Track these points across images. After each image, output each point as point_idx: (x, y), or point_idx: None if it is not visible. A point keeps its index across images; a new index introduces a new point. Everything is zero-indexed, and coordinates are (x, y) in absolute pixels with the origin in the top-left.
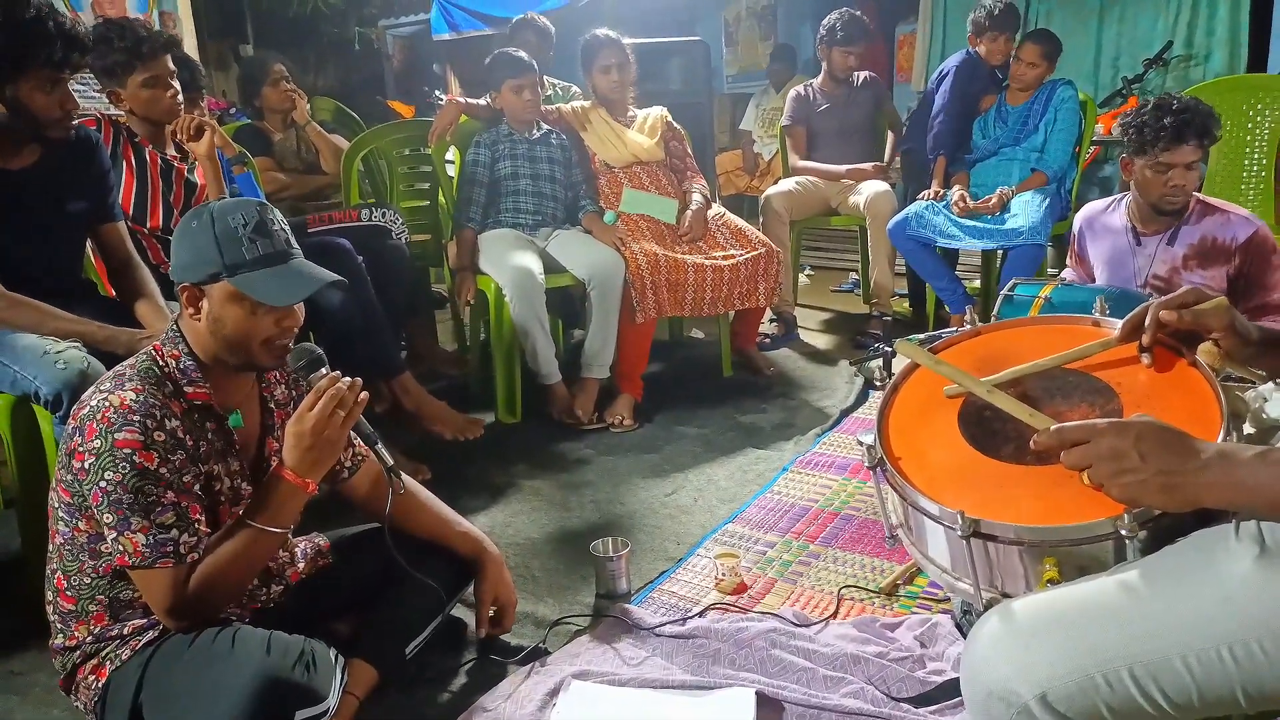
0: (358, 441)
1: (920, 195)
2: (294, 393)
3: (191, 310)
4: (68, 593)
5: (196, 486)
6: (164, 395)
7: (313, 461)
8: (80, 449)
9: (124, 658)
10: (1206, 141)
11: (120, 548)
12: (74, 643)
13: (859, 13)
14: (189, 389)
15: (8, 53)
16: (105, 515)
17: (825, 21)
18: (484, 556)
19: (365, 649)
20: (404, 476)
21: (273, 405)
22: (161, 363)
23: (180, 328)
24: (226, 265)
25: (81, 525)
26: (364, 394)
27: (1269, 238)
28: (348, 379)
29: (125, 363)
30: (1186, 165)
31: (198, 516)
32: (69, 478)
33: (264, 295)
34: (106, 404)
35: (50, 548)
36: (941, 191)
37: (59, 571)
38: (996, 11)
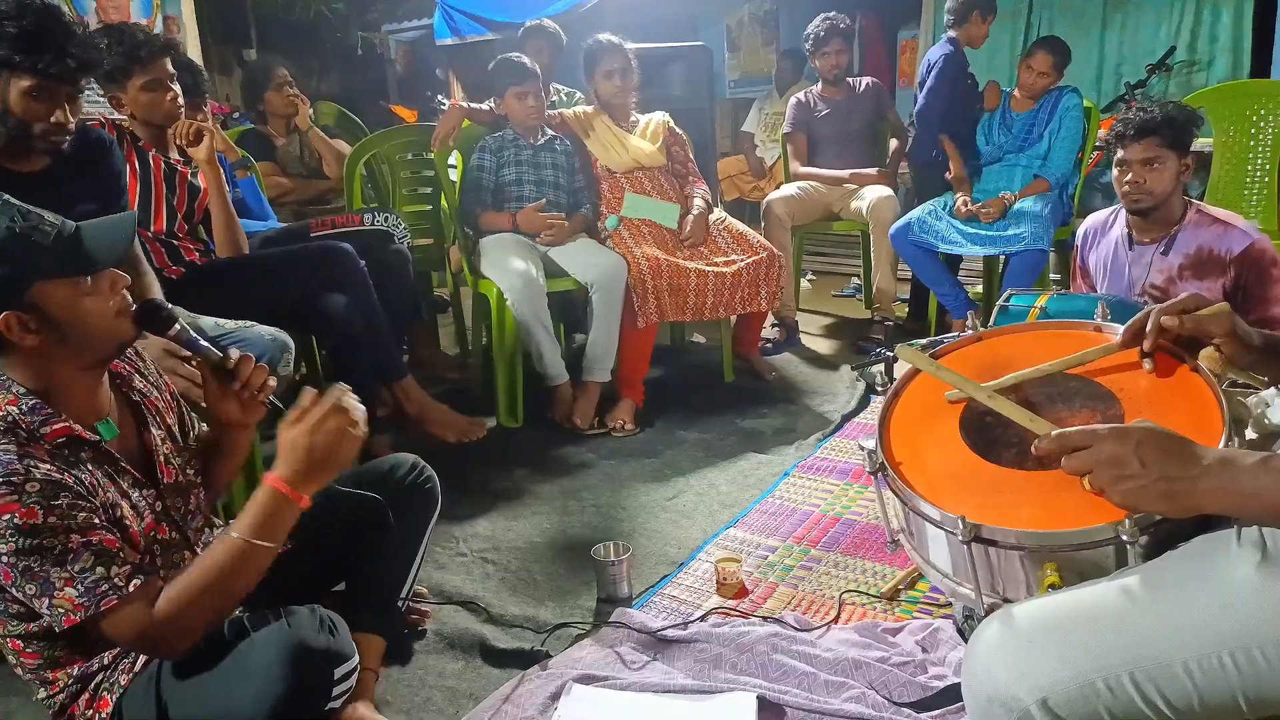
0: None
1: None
2: (151, 379)
3: (25, 336)
4: (28, 650)
5: (96, 520)
6: (19, 444)
7: (306, 473)
8: None
9: (123, 684)
10: (1164, 139)
11: (60, 610)
12: (57, 689)
13: (835, 14)
14: (45, 429)
15: (19, 61)
16: (27, 588)
17: (803, 35)
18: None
19: (364, 622)
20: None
21: (137, 399)
22: (1, 414)
23: (3, 371)
24: (31, 266)
25: (10, 598)
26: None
27: (1267, 250)
28: (344, 387)
29: None
30: (1142, 161)
31: (117, 547)
32: None
33: (103, 260)
34: None
35: None
36: (963, 176)
37: (8, 637)
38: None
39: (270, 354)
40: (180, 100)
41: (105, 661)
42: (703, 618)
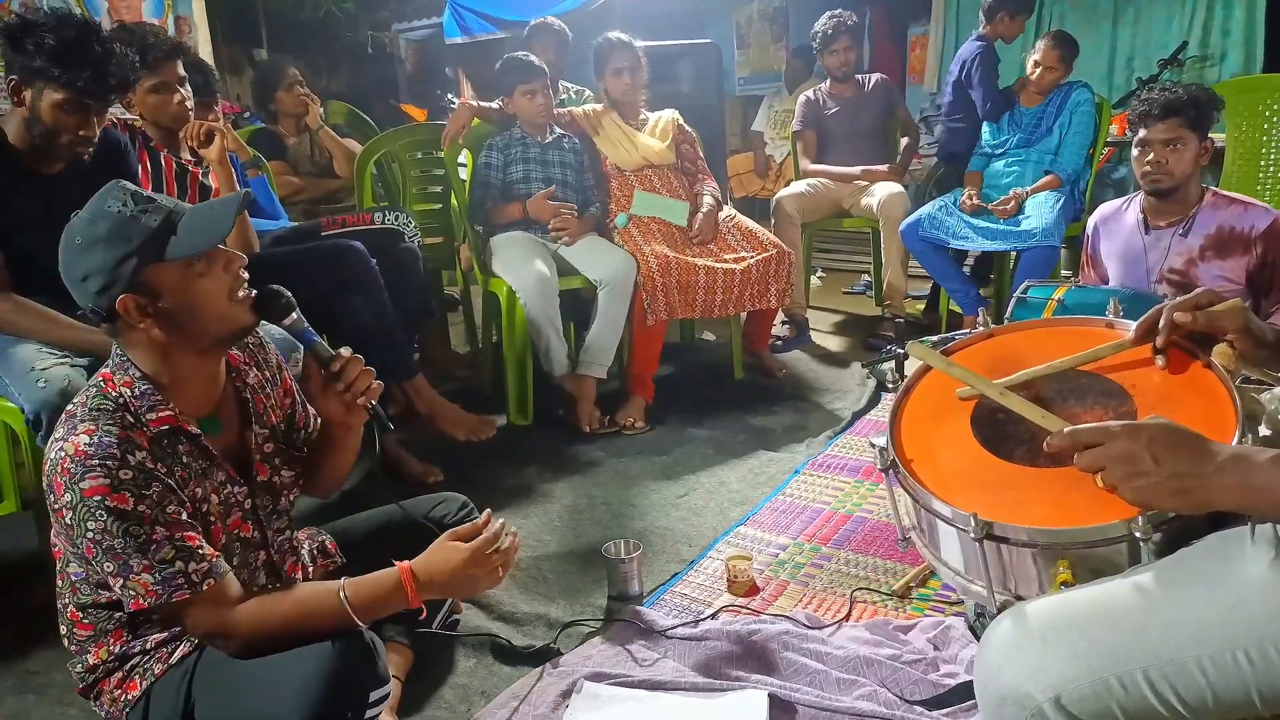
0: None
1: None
2: (266, 374)
3: (143, 320)
4: (84, 621)
5: (184, 515)
6: (122, 429)
7: (439, 588)
8: (57, 506)
9: (156, 672)
10: (1186, 120)
11: (131, 593)
12: (96, 662)
13: (842, 11)
14: (150, 416)
15: (44, 65)
16: (105, 565)
17: (810, 33)
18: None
19: (396, 633)
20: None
21: (248, 394)
22: (115, 393)
23: (124, 351)
24: (145, 249)
25: (92, 569)
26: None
27: None
28: (510, 537)
29: (75, 401)
30: (1164, 142)
31: (197, 544)
32: (61, 531)
33: (206, 242)
34: (63, 454)
35: (60, 584)
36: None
37: (71, 605)
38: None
39: (280, 352)
40: (189, 103)
41: (147, 646)
42: (713, 615)
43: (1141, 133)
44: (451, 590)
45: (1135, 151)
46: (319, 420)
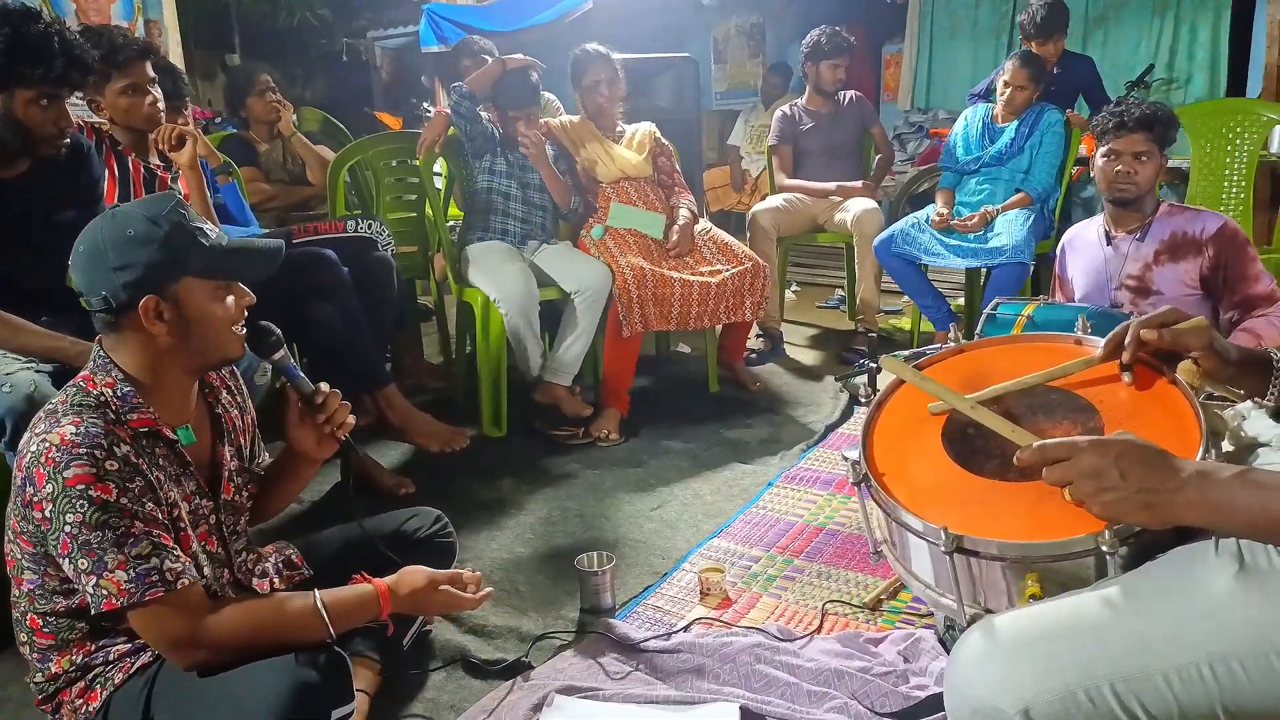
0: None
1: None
2: (239, 399)
3: (155, 325)
4: (44, 630)
5: (160, 515)
6: (106, 422)
7: (407, 605)
8: (35, 499)
9: (116, 681)
10: (1155, 135)
11: (103, 591)
12: (57, 671)
13: (839, 28)
14: (131, 416)
15: (8, 66)
16: (79, 562)
17: (808, 38)
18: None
19: (365, 648)
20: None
21: (219, 412)
22: (97, 392)
23: (109, 353)
24: (193, 262)
25: (52, 571)
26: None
27: (1239, 230)
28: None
29: (53, 401)
30: (1134, 154)
31: (171, 544)
32: (30, 529)
33: (250, 275)
34: (47, 444)
35: (15, 593)
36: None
37: (30, 613)
38: (1041, 17)
39: (249, 362)
40: (160, 105)
41: (110, 656)
42: (686, 628)
43: (1111, 143)
44: (424, 608)
45: (1101, 160)
46: (265, 457)
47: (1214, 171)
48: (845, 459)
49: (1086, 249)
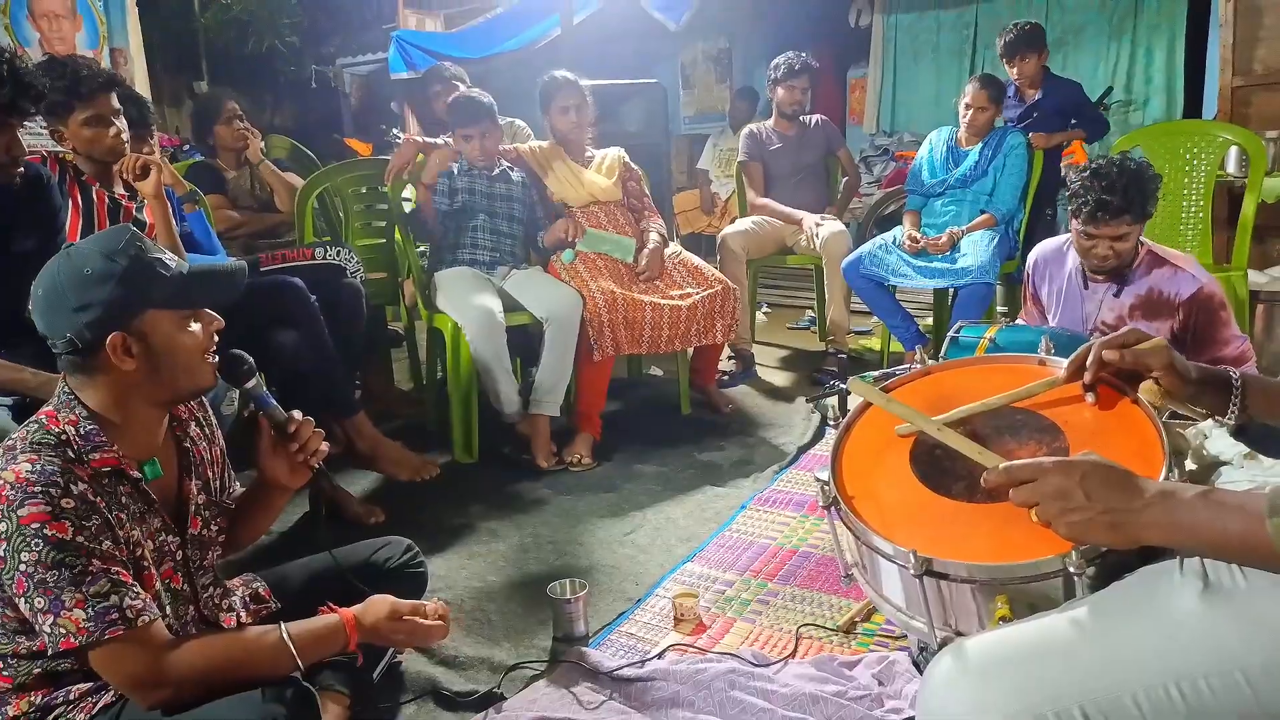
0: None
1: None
2: (207, 430)
3: (124, 360)
4: (3, 673)
5: (118, 553)
6: (64, 460)
7: (371, 635)
8: None
9: None
10: (1135, 217)
11: (61, 630)
12: (16, 713)
13: (805, 54)
14: (94, 456)
15: None
16: (35, 601)
17: (772, 63)
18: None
19: (334, 681)
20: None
21: (188, 445)
22: (58, 429)
23: (75, 390)
24: (154, 295)
25: (9, 613)
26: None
27: (1215, 294)
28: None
29: (13, 436)
30: (1112, 239)
31: (130, 582)
32: None
33: (213, 300)
34: (1, 482)
35: None
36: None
37: None
38: (1014, 37)
39: (215, 390)
40: (125, 136)
41: (71, 696)
42: (660, 655)
43: (1088, 227)
44: (387, 638)
45: (1081, 239)
46: (236, 488)
47: (1173, 192)
48: (817, 480)
49: (1062, 279)
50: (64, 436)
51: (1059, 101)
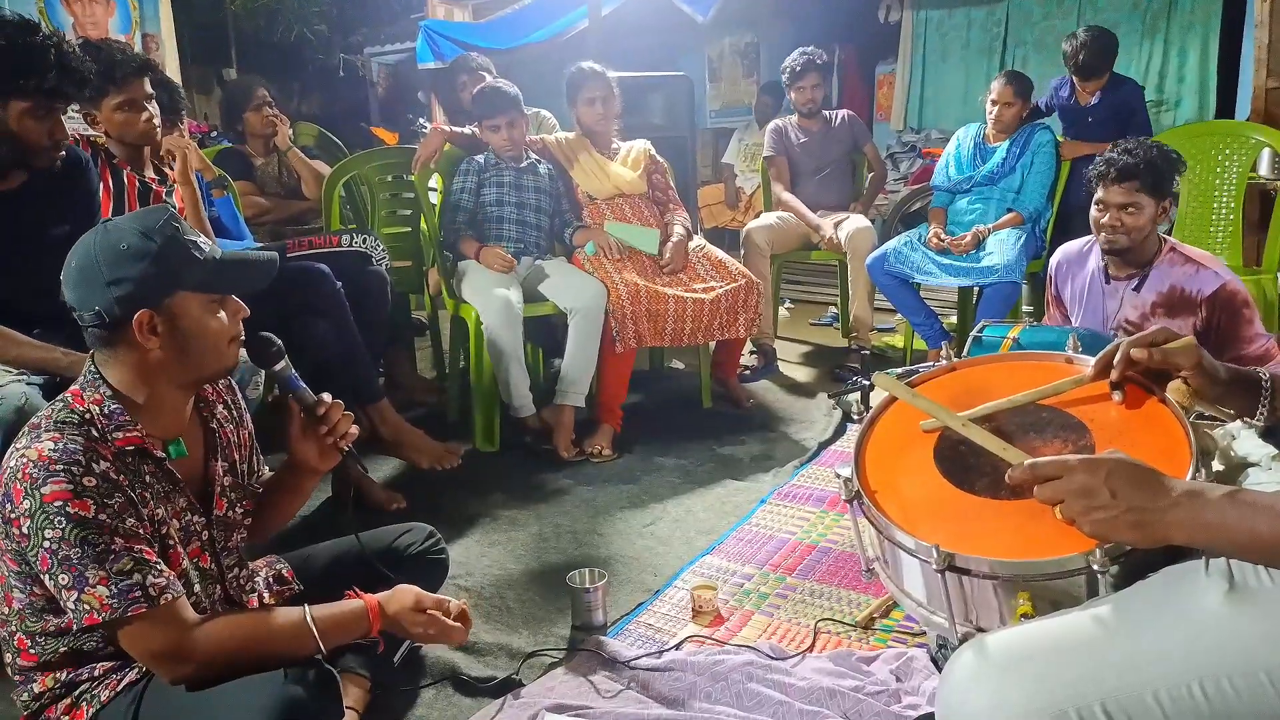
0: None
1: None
2: (235, 413)
3: (149, 339)
4: (30, 651)
5: (142, 530)
6: (87, 439)
7: (393, 625)
8: (14, 516)
9: (103, 699)
10: (1143, 184)
11: (85, 607)
12: (42, 689)
13: (812, 49)
14: (117, 435)
15: (2, 77)
16: (60, 578)
17: (781, 66)
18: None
19: (355, 664)
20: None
21: (214, 425)
22: (83, 409)
23: (100, 368)
24: (187, 276)
25: (38, 590)
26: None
27: (1238, 292)
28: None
29: (40, 414)
30: (1119, 206)
31: (154, 560)
32: (13, 546)
33: (245, 287)
34: (24, 460)
35: (5, 612)
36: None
37: (19, 633)
38: (1088, 57)
39: (241, 375)
40: (157, 120)
41: (96, 673)
42: (677, 646)
43: (1100, 192)
44: (409, 630)
45: (1094, 209)
46: (265, 471)
47: (1203, 194)
48: (838, 476)
49: (1085, 279)
50: (88, 415)
51: (1119, 103)
